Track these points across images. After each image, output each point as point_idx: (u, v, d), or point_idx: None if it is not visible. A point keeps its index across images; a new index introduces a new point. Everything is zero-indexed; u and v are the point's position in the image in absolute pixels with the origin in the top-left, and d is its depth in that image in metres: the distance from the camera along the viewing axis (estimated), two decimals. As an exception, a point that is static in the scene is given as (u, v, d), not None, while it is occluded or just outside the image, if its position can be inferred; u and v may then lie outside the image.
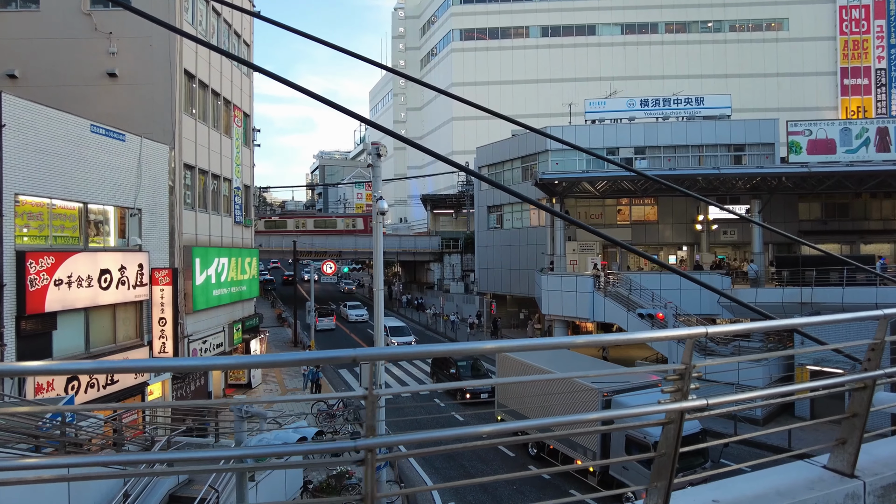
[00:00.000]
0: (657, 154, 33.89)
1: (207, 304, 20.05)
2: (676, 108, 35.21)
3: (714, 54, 60.38)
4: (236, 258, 22.62)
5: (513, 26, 63.04)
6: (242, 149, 24.22)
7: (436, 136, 69.80)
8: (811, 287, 22.94)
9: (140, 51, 18.34)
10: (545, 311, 26.69)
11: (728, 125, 33.30)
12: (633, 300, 24.11)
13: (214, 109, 21.83)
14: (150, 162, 16.94)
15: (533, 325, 35.68)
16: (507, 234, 38.50)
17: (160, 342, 16.70)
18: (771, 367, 20.38)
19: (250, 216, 25.03)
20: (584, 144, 34.51)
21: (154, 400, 16.66)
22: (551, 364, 16.88)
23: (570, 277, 25.51)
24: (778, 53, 59.57)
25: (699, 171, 24.71)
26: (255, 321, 24.55)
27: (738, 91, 59.05)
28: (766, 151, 33.31)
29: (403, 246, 50.25)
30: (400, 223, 76.86)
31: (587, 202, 34.05)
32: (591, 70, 61.24)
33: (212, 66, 21.20)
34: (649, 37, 61.36)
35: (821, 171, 23.12)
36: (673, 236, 34.04)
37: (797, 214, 32.80)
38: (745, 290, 24.83)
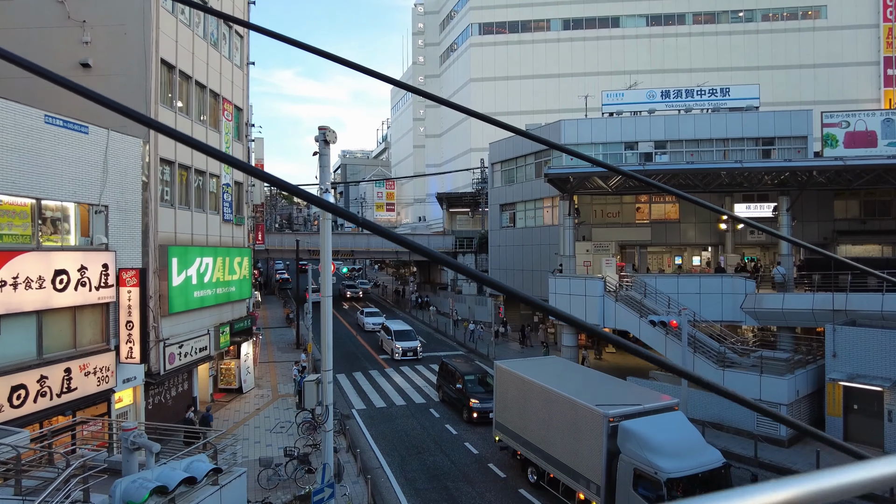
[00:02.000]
0: (679, 148, 31.78)
1: (187, 305, 19.08)
2: (700, 99, 32.98)
3: (745, 46, 57.39)
4: (223, 258, 21.65)
5: (533, 19, 61.15)
6: (233, 144, 23.26)
7: (454, 133, 68.42)
8: (845, 293, 20.74)
9: (114, 40, 17.45)
10: (553, 315, 24.97)
11: (756, 117, 30.98)
12: (646, 305, 22.28)
13: (200, 102, 20.88)
14: (118, 156, 15.98)
15: (546, 329, 33.97)
16: (520, 233, 36.86)
17: (127, 346, 15.73)
18: (798, 381, 18.34)
19: (242, 214, 24.06)
20: (601, 138, 32.69)
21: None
22: (555, 381, 15.02)
23: (579, 280, 23.79)
24: (815, 43, 56.25)
25: (719, 165, 22.71)
26: (245, 323, 23.57)
27: (770, 84, 56.03)
28: (799, 145, 30.89)
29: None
30: (418, 222, 75.76)
31: (603, 199, 32.18)
32: (614, 64, 58.96)
33: (196, 57, 20.24)
34: (676, 28, 58.72)
35: (857, 165, 20.87)
36: (696, 236, 31.88)
37: (832, 213, 30.29)
38: (771, 294, 22.72)
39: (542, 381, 14.76)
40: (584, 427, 12.93)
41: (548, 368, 16.52)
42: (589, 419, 12.79)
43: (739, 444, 17.75)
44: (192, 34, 19.94)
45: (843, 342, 18.26)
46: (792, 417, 18.18)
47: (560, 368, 16.67)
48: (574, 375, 16.06)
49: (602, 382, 15.42)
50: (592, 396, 13.41)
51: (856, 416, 18.10)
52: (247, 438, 18.59)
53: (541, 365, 17.07)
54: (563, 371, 16.36)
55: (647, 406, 12.92)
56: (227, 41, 23.02)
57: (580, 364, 24.74)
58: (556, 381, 14.91)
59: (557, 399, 13.88)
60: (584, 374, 16.56)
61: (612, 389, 14.55)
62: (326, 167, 9.66)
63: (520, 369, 16.09)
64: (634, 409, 12.71)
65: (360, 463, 15.53)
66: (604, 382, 15.43)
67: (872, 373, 17.56)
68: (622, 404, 12.86)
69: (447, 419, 20.75)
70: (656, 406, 13.04)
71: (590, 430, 12.72)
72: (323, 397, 10.01)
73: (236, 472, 9.95)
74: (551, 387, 14.29)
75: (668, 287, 23.71)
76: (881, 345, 17.46)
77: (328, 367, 9.95)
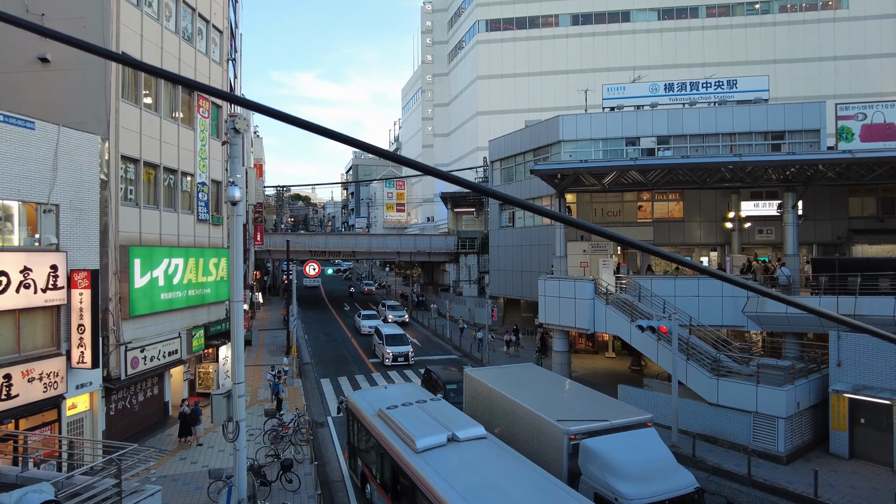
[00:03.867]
0: (683, 143, 30.31)
1: (152, 308, 18.42)
2: (705, 92, 31.47)
3: (761, 38, 55.32)
4: (197, 258, 20.98)
5: (541, 15, 59.87)
6: (211, 141, 22.60)
7: (462, 131, 67.42)
8: (854, 296, 19.21)
9: (73, 33, 16.76)
10: (542, 318, 23.85)
11: (765, 110, 29.36)
12: (638, 309, 20.99)
13: (171, 98, 20.25)
14: (72, 153, 15.35)
15: (544, 333, 32.73)
16: (520, 233, 35.70)
17: (79, 351, 15.08)
18: (798, 392, 16.92)
19: (220, 214, 23.39)
20: (601, 134, 31.38)
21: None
22: (522, 392, 13.90)
23: (569, 282, 22.58)
24: (835, 35, 53.91)
25: (715, 160, 21.29)
26: (223, 326, 22.88)
27: (787, 78, 54.00)
28: (811, 139, 29.18)
29: (418, 246, 48.12)
30: (427, 222, 74.91)
31: (603, 198, 30.89)
32: (624, 59, 57.32)
33: (166, 52, 19.61)
34: (688, 22, 56.91)
35: (868, 158, 19.31)
36: (701, 236, 30.38)
37: (847, 210, 28.56)
38: (774, 298, 21.21)
39: (507, 392, 13.69)
40: (545, 444, 11.84)
41: (519, 378, 15.36)
42: (550, 435, 11.70)
43: (733, 460, 16.42)
44: (160, 28, 19.30)
45: (849, 350, 16.80)
46: (791, 432, 16.85)
47: (532, 378, 15.49)
48: (545, 386, 14.84)
49: (574, 394, 14.25)
50: (557, 410, 12.32)
51: (863, 431, 16.63)
52: (212, 446, 17.85)
53: (513, 374, 15.92)
54: (534, 381, 15.22)
55: (616, 422, 11.75)
56: (203, 36, 22.38)
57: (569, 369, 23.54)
58: (523, 392, 13.86)
59: (521, 412, 12.83)
60: (557, 384, 15.30)
61: (582, 403, 13.37)
62: (237, 158, 8.78)
63: (488, 378, 15.02)
64: (599, 426, 11.55)
65: (316, 477, 14.63)
66: (576, 394, 14.24)
67: (881, 384, 16.09)
68: (587, 420, 11.70)
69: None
70: (626, 422, 11.89)
71: (551, 447, 11.63)
72: (234, 413, 9.11)
73: (148, 491, 9.15)
74: (516, 398, 13.25)
75: (664, 289, 22.39)
76: (890, 354, 15.98)
77: (239, 379, 9.05)
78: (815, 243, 29.46)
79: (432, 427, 11.32)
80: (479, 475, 9.60)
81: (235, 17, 30.47)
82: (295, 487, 14.72)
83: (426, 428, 11.27)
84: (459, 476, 9.52)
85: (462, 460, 10.20)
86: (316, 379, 26.17)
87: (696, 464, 16.47)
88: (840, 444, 16.84)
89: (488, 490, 9.09)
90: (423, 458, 10.32)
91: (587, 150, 31.15)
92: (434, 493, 9.18)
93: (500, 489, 9.12)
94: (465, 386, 16.03)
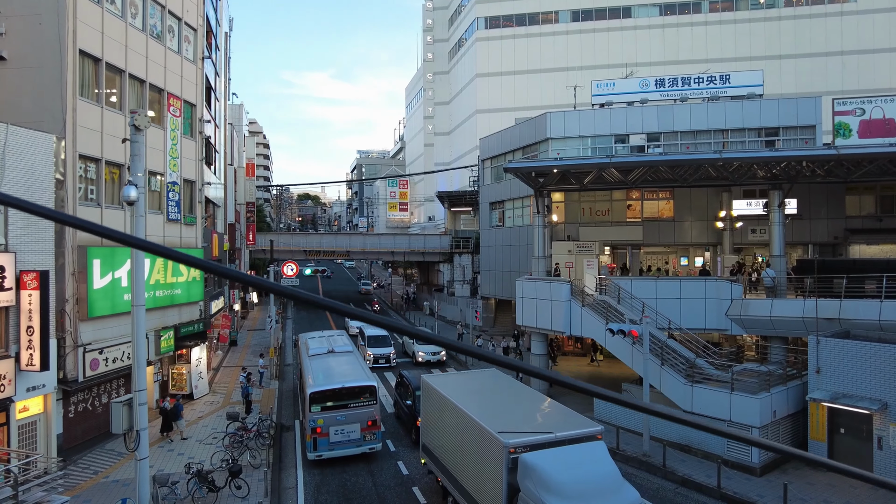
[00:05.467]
0: (673, 141, 29.47)
1: (114, 309, 18.15)
2: (697, 87, 30.67)
3: (766, 33, 54.06)
4: (164, 259, 20.69)
5: (541, 11, 59.07)
6: (183, 140, 22.31)
7: (462, 129, 66.79)
8: (839, 299, 18.38)
9: (30, 31, 16.63)
10: (519, 321, 23.25)
11: (758, 106, 28.44)
12: (615, 311, 20.32)
13: (138, 97, 19.97)
14: (23, 153, 15.10)
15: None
16: (509, 232, 35.08)
17: (28, 353, 14.83)
18: (775, 400, 16.18)
19: (194, 213, 23.09)
20: (589, 131, 30.65)
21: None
22: (473, 400, 13.24)
23: (545, 283, 21.95)
24: (843, 29, 52.50)
25: (695, 156, 20.51)
26: (196, 327, 22.60)
27: (793, 73, 52.78)
28: (806, 135, 28.20)
29: (412, 245, 47.66)
30: (428, 222, 74.44)
31: (592, 197, 30.17)
32: (625, 56, 56.31)
33: (131, 49, 19.31)
34: (691, 17, 55.79)
35: (852, 154, 18.44)
36: (692, 236, 29.54)
37: (844, 209, 27.58)
38: (757, 300, 20.46)
39: (457, 401, 12.96)
40: (488, 456, 11.20)
41: (476, 385, 14.74)
42: (491, 447, 11.04)
43: (705, 471, 15.72)
44: (124, 26, 19.01)
45: (829, 356, 16.02)
46: (767, 442, 16.02)
47: (490, 385, 14.77)
48: (500, 394, 14.08)
49: (528, 403, 13.40)
50: (502, 421, 11.66)
51: (843, 441, 15.86)
52: (172, 449, 17.54)
53: (471, 381, 15.24)
54: (491, 388, 14.54)
55: (561, 435, 10.99)
56: (174, 34, 22.08)
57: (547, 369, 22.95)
58: (475, 400, 13.19)
59: (467, 422, 12.17)
60: (514, 393, 14.27)
61: (533, 413, 12.72)
62: (139, 156, 8.35)
63: (443, 385, 14.36)
64: (543, 439, 10.81)
65: (267, 484, 14.22)
66: (530, 404, 13.41)
67: (861, 392, 15.31)
68: (531, 432, 11.03)
69: (393, 435, 19.28)
70: (573, 435, 11.10)
71: (492, 460, 10.98)
72: (135, 422, 8.72)
73: (55, 502, 8.79)
74: (464, 407, 12.54)
75: (645, 291, 21.68)
76: (871, 360, 15.19)
77: (140, 386, 8.64)
78: (810, 243, 28.52)
79: (323, 348, 20.92)
80: (332, 364, 19.12)
81: (218, 15, 30.19)
82: (244, 494, 14.34)
83: (321, 348, 20.94)
84: (322, 365, 19.05)
85: (332, 361, 19.57)
86: (294, 381, 25.79)
87: (665, 474, 15.83)
88: (818, 454, 16.06)
89: (332, 370, 18.56)
90: (311, 359, 19.77)
91: (575, 147, 30.45)
92: (305, 372, 18.70)
93: (336, 369, 18.53)
94: (422, 393, 15.32)
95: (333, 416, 16.65)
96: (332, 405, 16.85)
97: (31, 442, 15.56)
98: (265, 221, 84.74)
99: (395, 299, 55.15)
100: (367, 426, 16.88)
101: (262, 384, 25.02)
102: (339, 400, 16.94)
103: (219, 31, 30.66)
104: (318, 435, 16.52)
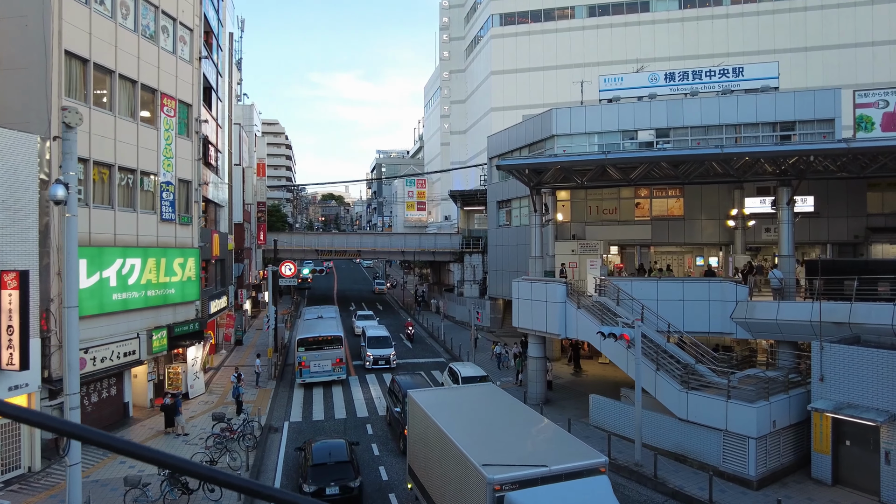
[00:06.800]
0: (684, 136, 28.39)
1: (102, 308, 18.20)
2: (709, 81, 29.52)
3: (791, 25, 52.06)
4: (157, 258, 20.73)
5: (557, 7, 58.09)
6: (178, 140, 22.33)
7: (477, 128, 66.15)
8: (850, 302, 17.29)
9: (16, 32, 16.75)
10: (515, 323, 22.62)
11: (773, 99, 27.17)
12: (613, 313, 19.56)
13: (129, 97, 20.01)
14: (5, 153, 15.20)
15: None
16: (515, 231, 34.41)
17: (8, 353, 14.90)
18: (774, 409, 15.25)
19: (190, 213, 23.11)
20: (596, 128, 29.82)
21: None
22: (460, 422, 11.76)
23: (540, 284, 21.28)
24: (874, 17, 50.20)
25: (695, 152, 19.61)
26: (191, 326, 22.60)
27: (820, 66, 50.73)
28: (825, 129, 26.83)
29: (423, 245, 47.31)
30: (444, 221, 74.03)
31: (599, 194, 29.33)
32: (643, 51, 54.92)
33: (121, 50, 19.35)
34: (712, 10, 54.12)
35: (864, 147, 17.30)
36: (703, 235, 28.44)
37: (865, 207, 26.17)
38: (763, 303, 19.45)
39: (442, 422, 11.39)
40: (470, 492, 9.90)
41: (467, 404, 13.33)
42: (474, 482, 9.71)
43: (699, 483, 14.90)
44: (114, 26, 19.05)
45: (833, 364, 15.03)
46: (764, 454, 15.21)
47: (483, 404, 13.27)
48: (493, 415, 12.48)
49: (522, 428, 11.73)
50: (489, 450, 10.30)
51: (848, 453, 14.86)
52: (201, 436, 17.49)
53: (461, 398, 13.92)
54: (485, 406, 13.08)
55: (556, 468, 9.48)
56: (169, 34, 22.11)
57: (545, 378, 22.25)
58: (462, 422, 11.77)
59: (451, 448, 10.72)
60: (510, 413, 12.56)
61: (526, 440, 11.19)
62: (70, 154, 8.13)
63: (429, 402, 12.81)
64: (534, 473, 9.37)
65: (240, 487, 13.94)
66: (525, 428, 11.74)
67: (868, 402, 14.30)
68: (520, 465, 9.55)
69: (379, 439, 18.89)
70: (570, 468, 9.61)
71: (475, 497, 9.68)
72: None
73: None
74: (448, 431, 10.97)
75: (646, 293, 20.83)
76: (879, 368, 14.18)
77: (72, 390, 8.40)
78: (829, 242, 27.18)
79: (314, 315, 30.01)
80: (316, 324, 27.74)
81: (220, 15, 30.28)
82: (217, 497, 14.14)
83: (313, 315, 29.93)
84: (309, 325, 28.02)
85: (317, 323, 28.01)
86: (292, 381, 25.67)
87: (656, 486, 15.07)
88: (822, 468, 15.10)
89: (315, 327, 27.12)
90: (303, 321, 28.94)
91: (581, 143, 29.65)
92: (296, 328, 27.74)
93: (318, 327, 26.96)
94: (409, 409, 13.84)
95: (313, 354, 24.81)
96: (313, 347, 24.91)
97: (15, 442, 15.66)
98: (285, 221, 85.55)
99: (406, 299, 54.90)
100: (336, 363, 25.02)
101: (259, 384, 24.93)
102: (317, 345, 25.05)
103: (221, 32, 30.76)
104: (302, 367, 24.59)
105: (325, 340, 25.07)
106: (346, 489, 13.51)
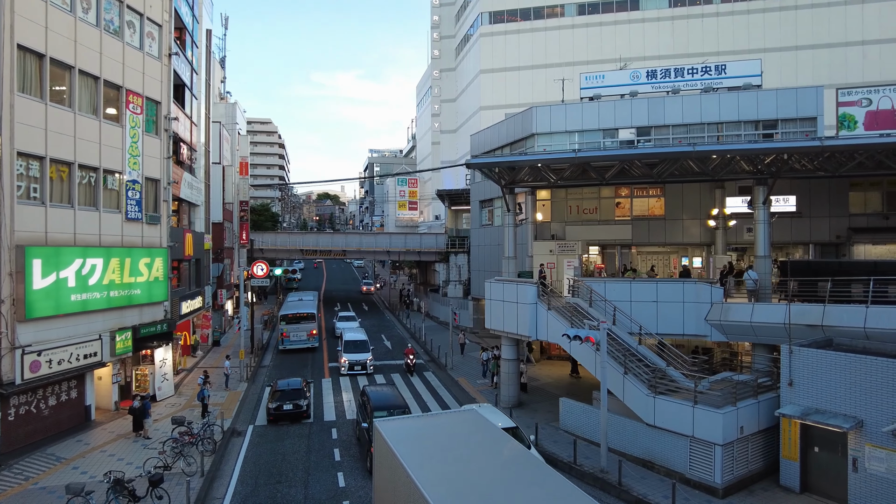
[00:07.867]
0: (665, 135, 27.95)
1: (58, 310, 17.74)
2: (691, 78, 29.15)
3: (781, 24, 51.76)
4: (122, 258, 20.27)
5: (546, 5, 57.73)
6: (145, 138, 21.87)
7: (467, 127, 65.71)
8: (823, 304, 16.91)
9: (-34, 25, 16.27)
10: (487, 324, 22.20)
11: (755, 97, 26.74)
12: (583, 314, 19.15)
13: (92, 94, 19.54)
14: (-50, 149, 14.74)
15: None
16: (497, 231, 33.95)
17: (-48, 356, 14.47)
18: (742, 415, 14.86)
19: (158, 212, 22.65)
20: (576, 126, 29.35)
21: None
22: (437, 460, 9.82)
23: (511, 285, 20.87)
24: (864, 17, 49.93)
25: (666, 150, 19.22)
26: (158, 328, 22.13)
27: (810, 66, 50.44)
28: (807, 128, 26.40)
29: (408, 245, 46.90)
30: (435, 220, 73.65)
31: (579, 193, 28.95)
32: (633, 49, 54.65)
33: (81, 45, 18.87)
34: (702, 8, 53.80)
35: (838, 145, 16.91)
36: (685, 235, 28.04)
37: (847, 207, 25.82)
38: (738, 305, 19.06)
39: (412, 467, 9.31)
40: None
41: (445, 436, 11.04)
42: None
43: (663, 491, 14.49)
44: (73, 20, 18.59)
45: (803, 368, 14.64)
46: (731, 461, 14.82)
47: (463, 437, 11.02)
48: (472, 452, 10.22)
49: (512, 470, 9.52)
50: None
51: (817, 460, 14.47)
52: (112, 454, 17.02)
53: (440, 429, 11.45)
54: (464, 441, 10.80)
55: None
56: (135, 30, 21.64)
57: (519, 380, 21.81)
58: (437, 464, 9.63)
59: (420, 502, 8.71)
60: (493, 450, 10.40)
61: (516, 490, 8.74)
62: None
63: (397, 438, 10.58)
64: None
65: (189, 494, 13.54)
66: (514, 471, 9.49)
67: (837, 408, 13.90)
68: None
69: (343, 444, 18.47)
70: None
71: None
72: None
73: None
74: (418, 480, 8.89)
75: (620, 294, 20.44)
76: (847, 373, 13.78)
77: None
78: (811, 243, 26.82)
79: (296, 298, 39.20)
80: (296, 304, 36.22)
81: (195, 11, 29.79)
82: (165, 505, 13.71)
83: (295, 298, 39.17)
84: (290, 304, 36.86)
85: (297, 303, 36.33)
86: (264, 383, 25.24)
87: (619, 493, 14.67)
88: (791, 475, 14.71)
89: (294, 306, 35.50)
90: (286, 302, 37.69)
91: (561, 142, 29.21)
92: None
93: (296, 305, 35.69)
94: (375, 445, 11.68)
95: (292, 327, 32.39)
96: (292, 322, 32.56)
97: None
98: (275, 221, 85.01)
99: (392, 299, 54.50)
100: (310, 334, 32.47)
101: (229, 387, 24.50)
102: (296, 320, 32.70)
103: (197, 28, 30.28)
104: (283, 337, 32.42)
105: (302, 316, 32.54)
106: (297, 406, 20.27)
